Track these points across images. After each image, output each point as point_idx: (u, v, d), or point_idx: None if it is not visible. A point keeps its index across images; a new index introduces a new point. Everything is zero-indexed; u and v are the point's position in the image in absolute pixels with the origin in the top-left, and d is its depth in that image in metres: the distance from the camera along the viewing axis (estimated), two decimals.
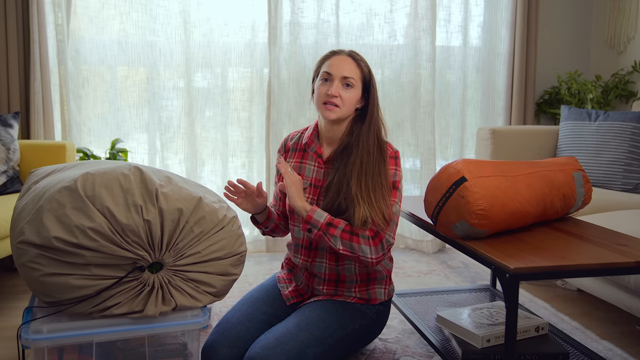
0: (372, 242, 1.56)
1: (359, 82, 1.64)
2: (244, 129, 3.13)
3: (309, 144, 1.74)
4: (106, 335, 1.31)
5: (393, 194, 1.62)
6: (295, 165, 1.75)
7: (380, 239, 1.56)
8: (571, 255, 1.41)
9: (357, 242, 1.55)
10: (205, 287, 1.39)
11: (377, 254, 1.56)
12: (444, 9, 3.25)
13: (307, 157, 1.74)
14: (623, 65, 3.35)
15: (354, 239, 1.55)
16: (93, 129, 3.00)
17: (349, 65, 1.62)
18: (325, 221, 1.56)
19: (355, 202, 1.55)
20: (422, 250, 3.20)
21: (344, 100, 1.60)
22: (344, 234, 1.55)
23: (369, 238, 1.55)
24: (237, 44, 3.05)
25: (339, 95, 1.60)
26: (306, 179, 1.71)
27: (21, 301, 2.33)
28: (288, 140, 1.82)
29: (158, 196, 1.28)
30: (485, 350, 1.59)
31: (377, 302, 1.73)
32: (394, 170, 1.64)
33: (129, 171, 1.30)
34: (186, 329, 1.39)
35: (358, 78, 1.63)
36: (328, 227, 1.56)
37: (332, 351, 1.57)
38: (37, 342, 1.25)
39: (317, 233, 1.57)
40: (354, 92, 1.62)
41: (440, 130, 3.34)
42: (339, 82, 1.61)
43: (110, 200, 1.24)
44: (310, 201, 1.68)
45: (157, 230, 1.27)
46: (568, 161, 1.82)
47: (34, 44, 2.75)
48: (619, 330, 2.08)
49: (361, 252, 1.55)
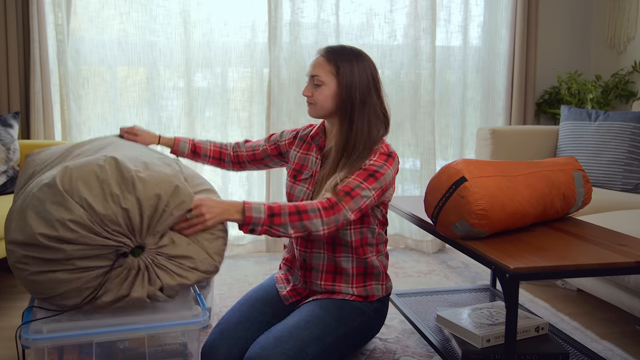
0: (325, 213, 1.49)
1: (330, 77, 1.65)
2: (244, 129, 3.13)
3: (314, 137, 1.79)
4: (106, 335, 1.31)
5: (369, 180, 1.56)
6: (300, 155, 1.80)
7: (336, 211, 1.50)
8: (571, 255, 1.41)
9: (307, 218, 1.47)
10: (189, 262, 1.39)
11: (328, 225, 1.50)
12: (444, 9, 3.25)
13: (311, 149, 1.78)
14: (623, 65, 3.35)
15: (304, 217, 1.47)
16: (93, 128, 3.00)
17: (318, 64, 1.68)
18: (266, 214, 1.45)
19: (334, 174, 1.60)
20: (422, 250, 3.20)
21: (315, 98, 1.67)
22: (292, 216, 1.46)
23: (320, 209, 1.49)
24: (237, 44, 3.05)
25: (312, 95, 1.67)
26: (308, 170, 1.75)
27: (21, 301, 2.33)
28: (301, 130, 1.87)
29: (135, 183, 1.29)
30: (485, 350, 1.59)
31: (374, 299, 1.73)
32: (383, 163, 1.60)
33: (104, 162, 1.32)
34: (186, 329, 1.39)
35: (327, 73, 1.65)
36: (272, 218, 1.46)
37: (332, 350, 1.57)
38: (37, 342, 1.25)
39: (261, 230, 1.47)
40: (325, 89, 1.66)
41: (440, 130, 3.34)
42: (310, 82, 1.69)
43: (87, 192, 1.27)
44: (308, 192, 1.71)
45: (136, 217, 1.29)
46: (568, 161, 1.82)
47: (34, 44, 2.75)
48: (619, 330, 2.08)
49: (313, 227, 1.48)
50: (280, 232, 1.48)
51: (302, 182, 1.75)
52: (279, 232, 1.48)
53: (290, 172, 1.81)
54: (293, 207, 1.47)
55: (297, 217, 1.47)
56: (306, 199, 1.71)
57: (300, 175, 1.76)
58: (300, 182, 1.75)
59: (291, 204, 1.49)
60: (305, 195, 1.72)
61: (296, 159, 1.80)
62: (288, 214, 1.46)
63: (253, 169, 1.98)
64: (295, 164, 1.80)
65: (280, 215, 1.46)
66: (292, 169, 1.80)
